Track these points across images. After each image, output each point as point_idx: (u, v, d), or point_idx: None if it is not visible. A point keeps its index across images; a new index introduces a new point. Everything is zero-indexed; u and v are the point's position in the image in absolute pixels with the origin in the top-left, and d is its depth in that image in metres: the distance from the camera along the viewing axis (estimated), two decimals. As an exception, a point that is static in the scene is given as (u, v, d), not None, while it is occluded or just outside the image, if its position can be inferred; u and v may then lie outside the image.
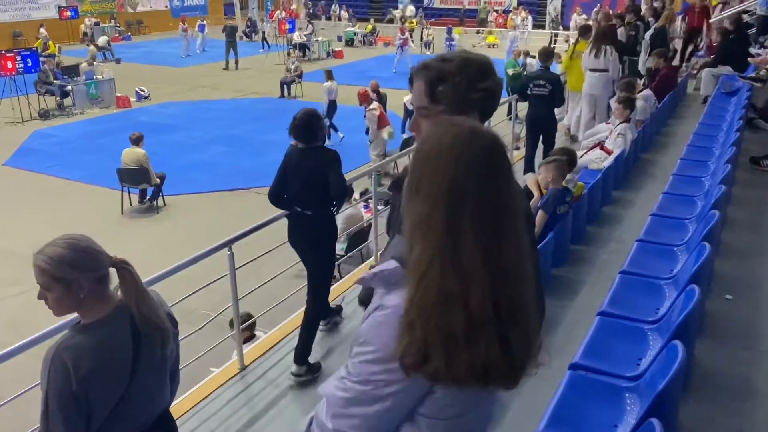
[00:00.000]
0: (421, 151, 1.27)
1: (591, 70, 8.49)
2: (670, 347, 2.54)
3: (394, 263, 1.31)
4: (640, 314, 3.34)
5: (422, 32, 27.42)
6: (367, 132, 11.95)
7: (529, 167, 7.77)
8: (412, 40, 25.02)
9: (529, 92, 7.75)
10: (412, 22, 29.70)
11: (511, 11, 29.63)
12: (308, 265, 4.40)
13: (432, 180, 1.22)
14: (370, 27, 29.42)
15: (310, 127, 4.13)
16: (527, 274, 1.25)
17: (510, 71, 15.14)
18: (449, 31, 26.47)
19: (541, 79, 7.66)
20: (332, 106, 13.88)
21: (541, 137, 7.88)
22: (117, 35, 29.34)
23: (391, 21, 31.48)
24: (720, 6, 11.99)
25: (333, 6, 33.47)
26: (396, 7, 33.10)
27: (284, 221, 4.40)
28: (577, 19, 25.08)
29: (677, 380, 2.42)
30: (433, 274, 1.18)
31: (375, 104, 11.58)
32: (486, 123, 1.83)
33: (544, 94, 7.56)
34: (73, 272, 2.02)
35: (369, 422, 1.28)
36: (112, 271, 2.13)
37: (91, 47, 21.39)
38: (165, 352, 2.20)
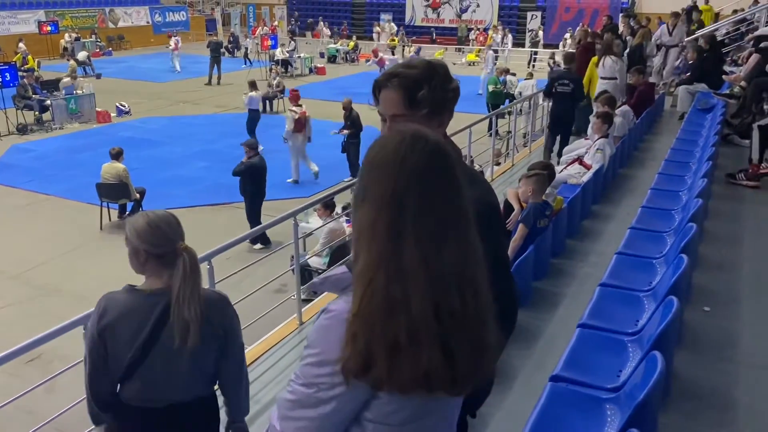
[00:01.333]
0: (367, 159, 1.29)
1: (602, 78, 9.40)
2: (649, 358, 2.55)
3: (343, 268, 1.34)
4: (619, 326, 3.36)
5: (403, 50, 27.63)
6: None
7: (548, 156, 8.82)
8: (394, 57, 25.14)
9: (553, 90, 8.77)
10: (393, 40, 29.92)
11: (490, 29, 30.00)
12: None
13: (376, 187, 1.24)
14: (352, 44, 29.58)
15: None
16: (473, 279, 1.25)
17: (491, 87, 15.37)
18: (418, 51, 26.44)
19: (565, 78, 8.74)
20: (254, 115, 14.13)
21: (561, 130, 8.84)
22: (98, 50, 29.21)
23: (372, 39, 31.62)
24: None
25: (319, 25, 33.60)
26: (378, 24, 33.36)
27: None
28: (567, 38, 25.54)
29: (657, 391, 2.43)
30: (377, 282, 1.19)
31: (298, 109, 12.21)
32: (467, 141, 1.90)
33: (566, 92, 8.58)
34: (137, 241, 2.32)
35: (314, 425, 1.28)
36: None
37: (72, 62, 21.28)
38: (185, 346, 2.27)
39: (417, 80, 1.72)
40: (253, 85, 14.26)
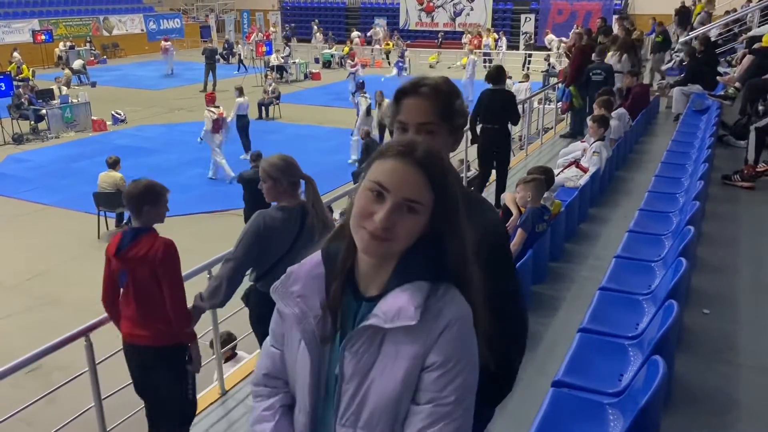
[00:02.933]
0: (449, 166, 1.40)
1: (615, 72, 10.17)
2: (651, 362, 2.56)
3: (423, 284, 1.32)
4: (620, 330, 3.37)
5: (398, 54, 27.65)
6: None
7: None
8: (389, 63, 25.01)
9: (588, 79, 10.05)
10: (388, 44, 29.95)
11: (483, 33, 30.06)
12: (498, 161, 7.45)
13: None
14: (347, 49, 29.58)
15: (499, 74, 7.19)
16: None
17: None
18: (403, 54, 26.28)
19: (599, 69, 9.94)
20: (243, 121, 14.24)
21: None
22: (92, 58, 29.19)
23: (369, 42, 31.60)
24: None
25: (315, 29, 33.59)
26: (369, 29, 33.40)
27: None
28: (554, 39, 25.68)
29: (659, 395, 2.44)
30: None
31: (215, 109, 12.81)
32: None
33: (600, 80, 9.75)
34: (280, 174, 3.31)
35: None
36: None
37: (66, 71, 21.28)
38: (320, 239, 3.22)
39: (449, 91, 1.69)
40: (240, 91, 14.28)
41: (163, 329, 3.33)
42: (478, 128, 7.14)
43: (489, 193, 7.68)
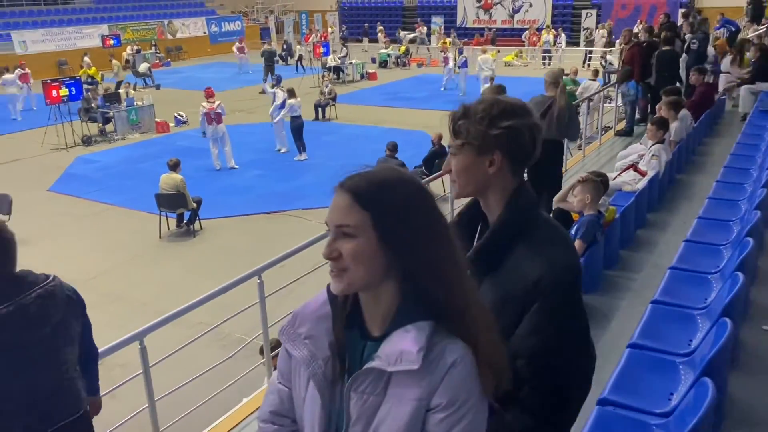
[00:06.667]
0: (391, 183, 1.38)
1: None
2: (700, 384, 2.49)
3: (424, 324, 1.29)
4: (672, 346, 3.26)
5: (456, 52, 27.45)
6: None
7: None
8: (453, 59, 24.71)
9: (689, 47, 11.46)
10: (445, 42, 29.81)
11: (543, 29, 29.56)
12: None
13: None
14: (403, 48, 29.62)
15: (670, 39, 8.54)
16: None
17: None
18: (460, 51, 25.59)
19: (695, 38, 11.33)
20: (298, 122, 14.28)
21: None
22: (157, 61, 30.17)
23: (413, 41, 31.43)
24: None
25: (378, 26, 33.61)
26: (429, 27, 33.28)
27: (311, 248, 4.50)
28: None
29: (707, 419, 2.36)
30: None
31: (206, 104, 13.62)
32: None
33: (695, 48, 11.22)
34: None
35: None
36: None
37: (115, 61, 22.63)
38: None
39: (464, 111, 1.68)
40: (291, 93, 14.48)
41: None
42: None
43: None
